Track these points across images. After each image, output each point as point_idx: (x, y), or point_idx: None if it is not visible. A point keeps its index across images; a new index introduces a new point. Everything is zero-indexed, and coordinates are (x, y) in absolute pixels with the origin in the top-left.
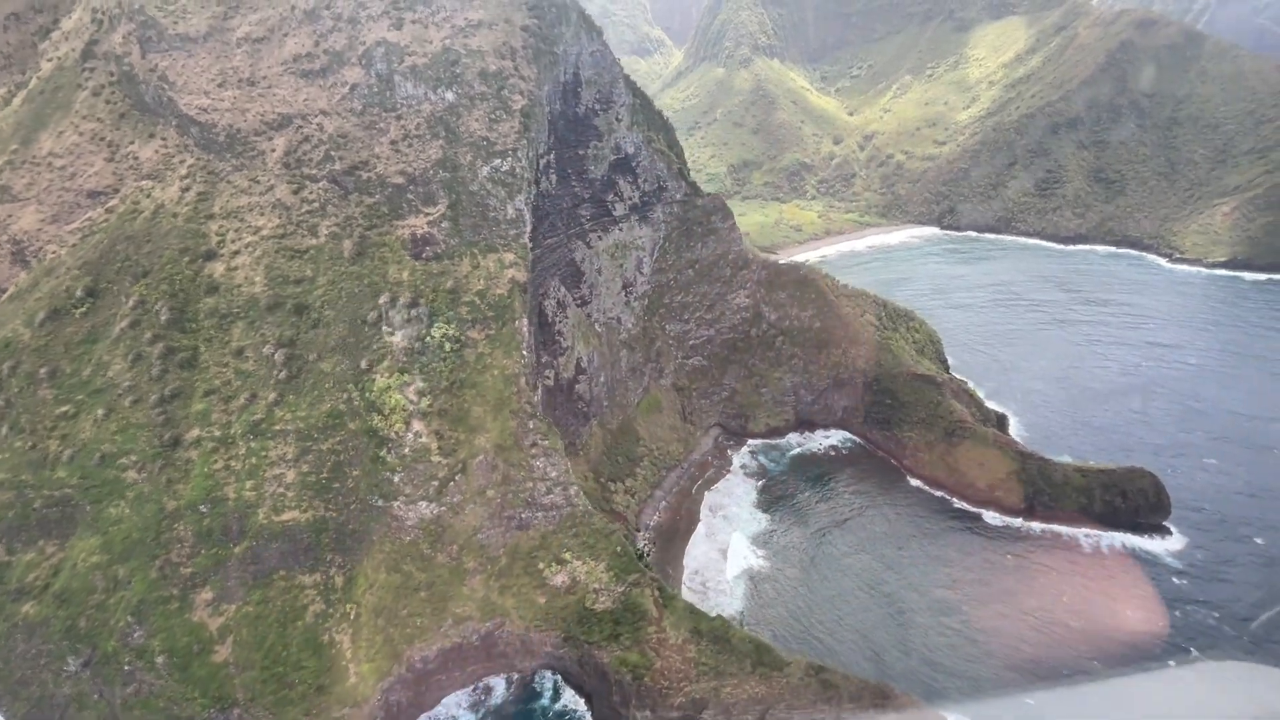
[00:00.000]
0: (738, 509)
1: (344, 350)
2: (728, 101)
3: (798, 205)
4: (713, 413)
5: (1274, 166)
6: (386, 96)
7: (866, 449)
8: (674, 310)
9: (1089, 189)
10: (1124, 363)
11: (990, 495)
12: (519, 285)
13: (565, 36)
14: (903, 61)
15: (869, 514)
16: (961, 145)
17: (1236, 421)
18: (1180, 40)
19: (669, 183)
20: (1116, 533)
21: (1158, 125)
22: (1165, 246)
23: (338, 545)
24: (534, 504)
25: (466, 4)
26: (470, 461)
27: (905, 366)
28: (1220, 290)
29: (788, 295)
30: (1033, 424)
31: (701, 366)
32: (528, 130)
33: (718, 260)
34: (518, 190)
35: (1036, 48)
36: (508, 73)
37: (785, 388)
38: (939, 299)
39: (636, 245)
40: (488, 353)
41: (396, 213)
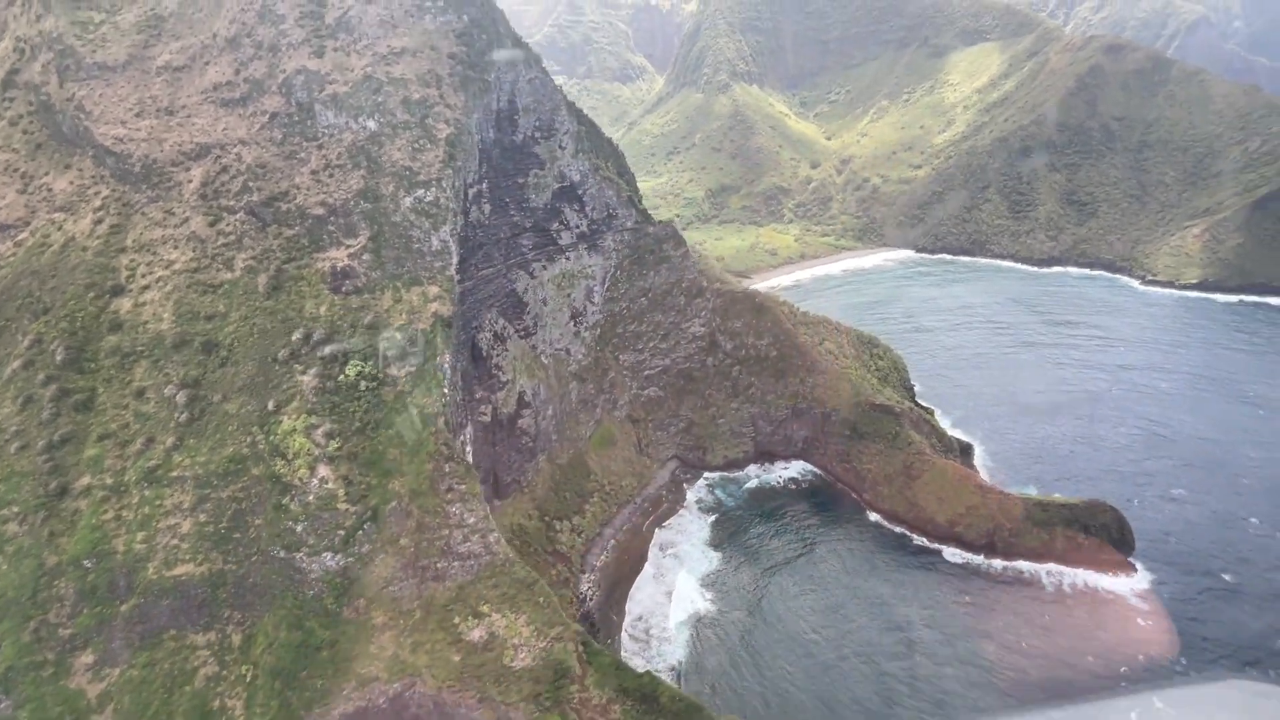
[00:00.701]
0: (689, 547)
1: (251, 390)
2: (706, 126)
3: (775, 229)
4: (670, 445)
5: (1243, 189)
6: (307, 125)
7: (827, 481)
8: (627, 340)
9: (1062, 211)
10: (1093, 387)
11: (950, 531)
12: (442, 319)
13: (498, 63)
14: (880, 87)
15: (823, 552)
16: (936, 169)
17: (1205, 448)
18: (1148, 65)
19: (619, 210)
20: (1080, 569)
21: (1128, 148)
22: (1138, 268)
23: (236, 601)
24: (450, 553)
25: (390, 31)
26: (383, 508)
27: (864, 396)
28: (1191, 312)
29: (743, 324)
30: (999, 453)
31: (657, 397)
32: (453, 159)
33: (671, 288)
34: (443, 221)
35: (1009, 73)
36: (432, 100)
37: (743, 418)
38: (909, 322)
39: (586, 274)
40: (408, 391)
41: (317, 245)
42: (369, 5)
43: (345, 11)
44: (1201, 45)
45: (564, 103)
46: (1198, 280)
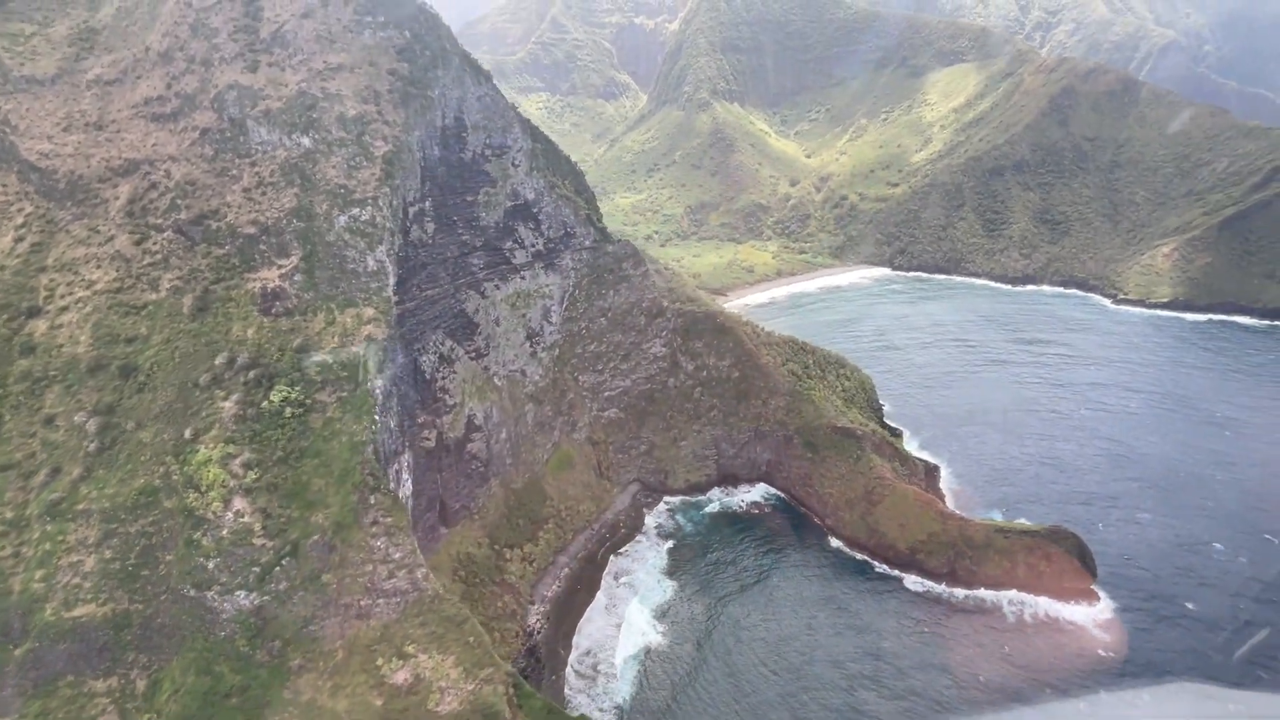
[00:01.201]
0: (645, 575)
1: (169, 417)
2: (687, 144)
3: (754, 246)
4: (631, 468)
5: (1211, 209)
6: (240, 142)
7: (790, 505)
8: (587, 360)
9: (1035, 230)
10: (1061, 407)
11: (911, 558)
12: (376, 342)
13: (442, 80)
14: (859, 106)
15: (781, 580)
16: (913, 187)
17: (1171, 469)
18: (1118, 87)
19: (577, 229)
20: (1042, 597)
21: (1100, 168)
22: (1109, 287)
23: (142, 643)
24: (375, 590)
25: (327, 47)
26: (304, 542)
27: (826, 418)
28: (1161, 331)
29: (704, 344)
30: (965, 475)
31: (618, 419)
32: (391, 177)
33: (631, 308)
34: (379, 240)
35: (985, 93)
36: (370, 117)
37: (705, 441)
38: (880, 340)
39: (542, 294)
40: (337, 417)
41: (248, 265)
42: (305, 20)
43: (280, 26)
44: (1173, 68)
45: (517, 120)
46: (1168, 299)
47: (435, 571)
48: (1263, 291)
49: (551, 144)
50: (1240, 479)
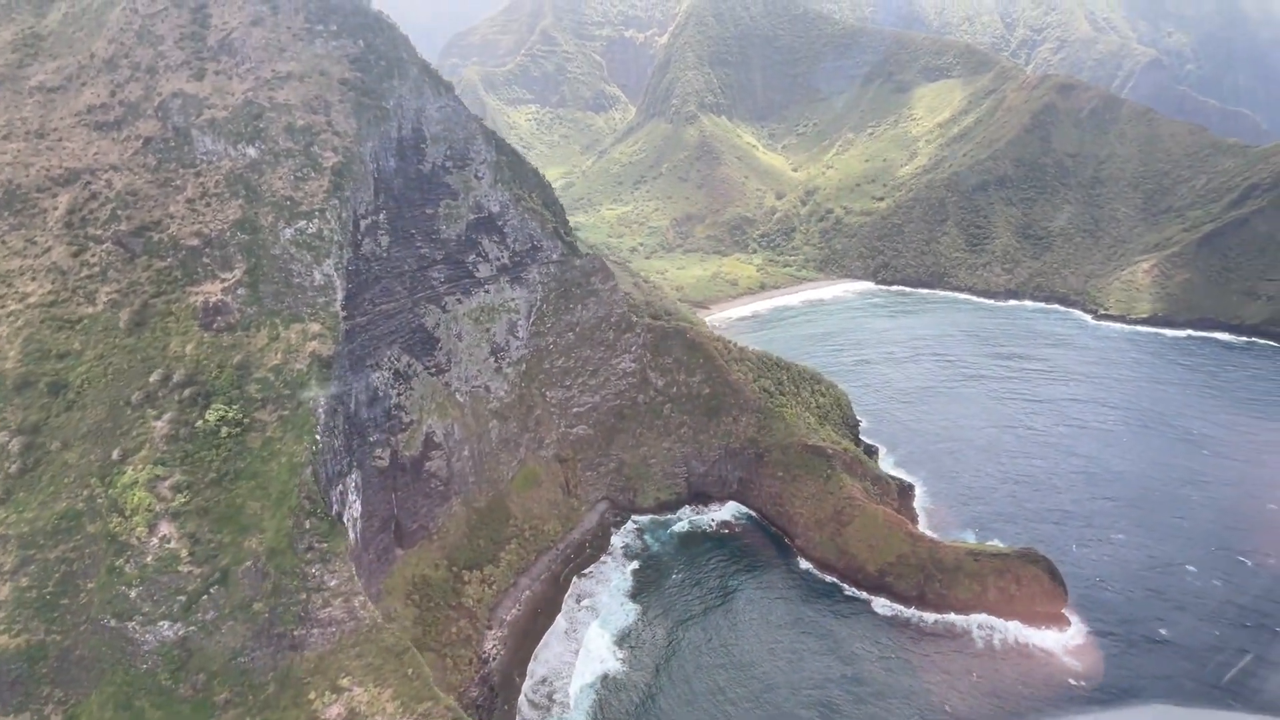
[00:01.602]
0: (607, 598)
1: (97, 437)
2: (674, 156)
3: (739, 259)
4: (600, 485)
5: (1190, 225)
6: (184, 151)
7: (761, 524)
8: (555, 376)
9: (1018, 245)
10: (1038, 424)
11: (881, 581)
12: (320, 359)
13: (399, 90)
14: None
15: (746, 603)
16: (898, 201)
17: (1147, 488)
18: (1099, 104)
19: (544, 242)
20: (1012, 622)
21: (1082, 184)
22: (1090, 302)
23: (59, 676)
24: (309, 619)
25: (277, 55)
26: (234, 569)
27: (797, 436)
28: (1140, 347)
29: (674, 360)
30: (940, 493)
31: (586, 436)
32: (340, 189)
33: (599, 323)
34: (326, 254)
35: (969, 109)
36: (319, 128)
37: (675, 458)
38: (860, 354)
39: (508, 308)
40: (277, 437)
41: (190, 278)
42: (254, 28)
43: (228, 34)
44: (1154, 86)
45: (481, 132)
46: (1148, 315)
47: (388, 595)
48: (1241, 308)
49: (518, 156)
50: (1215, 498)
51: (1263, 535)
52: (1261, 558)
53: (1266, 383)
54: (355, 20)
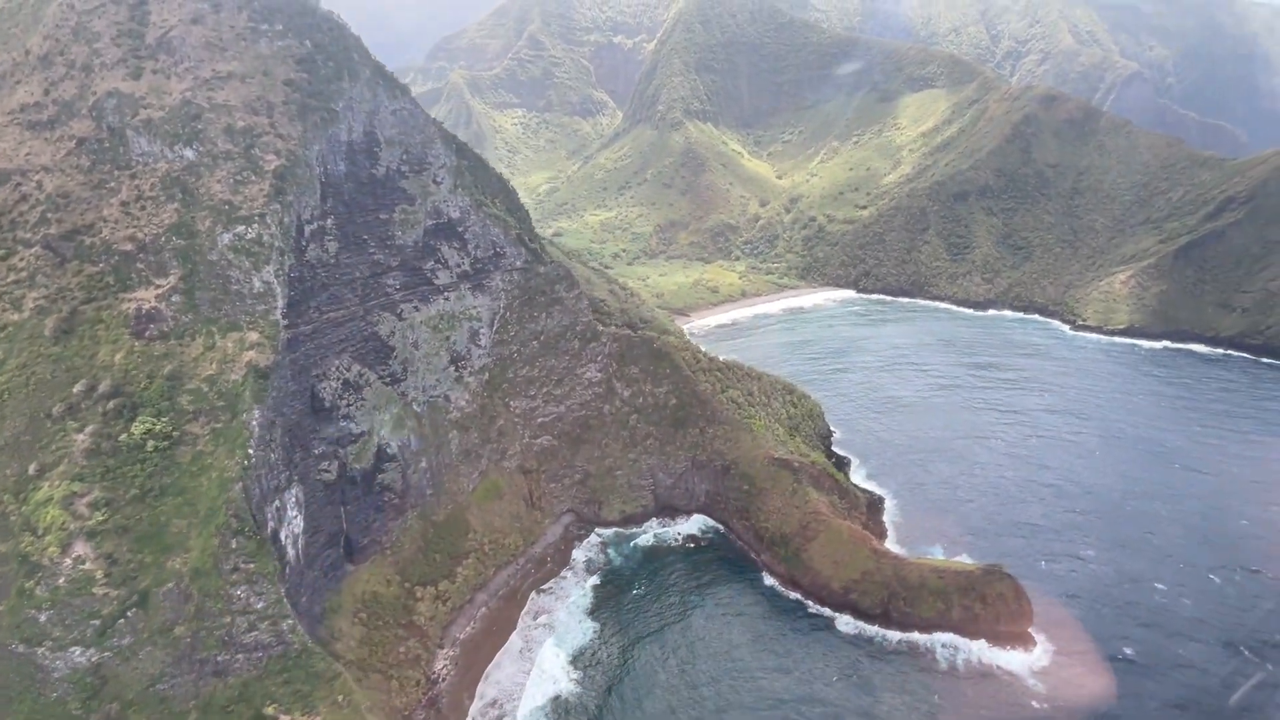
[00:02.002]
0: (565, 614)
1: (14, 451)
2: (659, 162)
3: (722, 266)
4: (565, 498)
5: (1167, 237)
6: (119, 153)
7: (728, 539)
8: (518, 385)
9: (998, 254)
10: (1012, 435)
11: (845, 598)
12: (257, 369)
13: (349, 93)
14: (831, 128)
15: (707, 620)
16: (879, 210)
17: (1118, 502)
18: (1079, 115)
19: (507, 249)
20: (977, 642)
21: (1061, 194)
22: (1068, 313)
23: None
24: (233, 644)
25: (218, 54)
26: (155, 591)
27: (764, 449)
28: (1115, 359)
29: (640, 370)
30: (910, 507)
31: (551, 446)
32: (282, 193)
33: (564, 331)
34: (266, 260)
35: (953, 118)
36: (261, 129)
37: (641, 470)
38: (837, 363)
39: (469, 316)
40: (209, 451)
41: (123, 284)
42: (194, 26)
43: (167, 31)
44: (1136, 98)
45: (440, 135)
46: (1125, 326)
47: (334, 614)
48: (1216, 320)
49: (481, 161)
50: (1185, 513)
51: (1232, 552)
52: (1229, 574)
53: (1239, 395)
54: (302, 20)
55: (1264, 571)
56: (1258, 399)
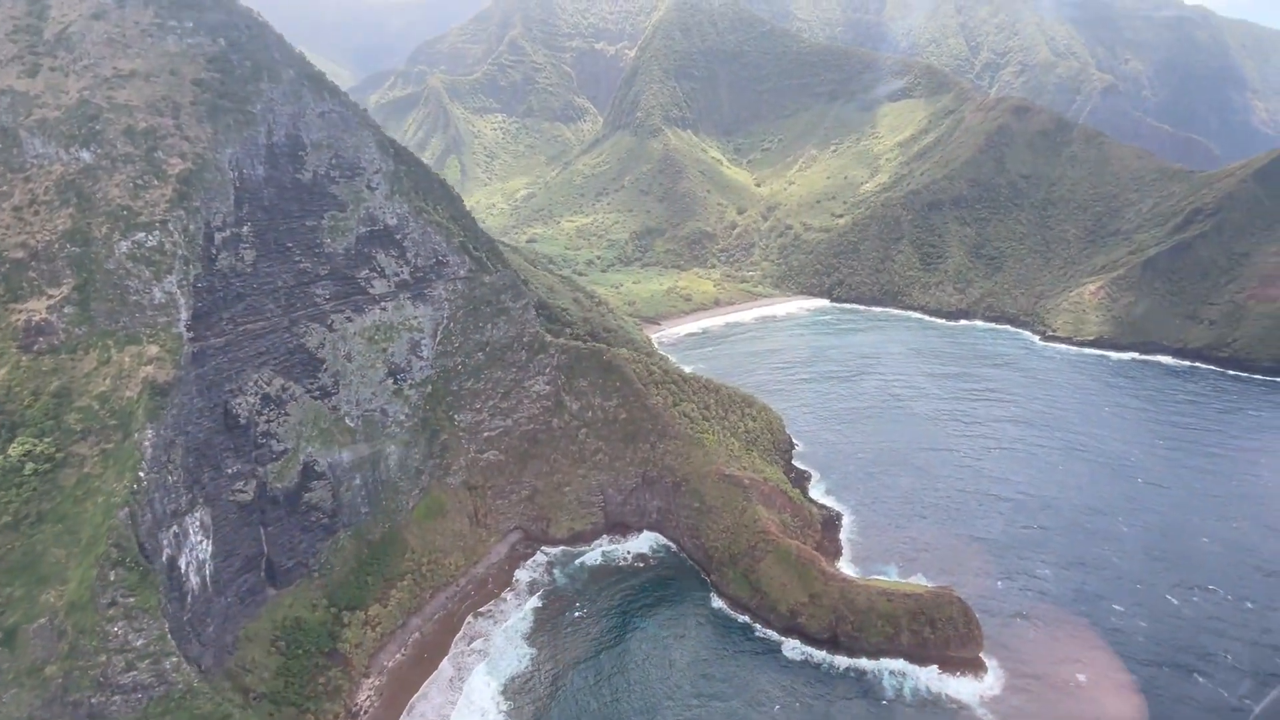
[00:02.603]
0: (502, 640)
1: None
2: (637, 169)
3: (697, 273)
4: (512, 515)
5: (1136, 248)
6: (12, 155)
7: (680, 557)
8: (464, 398)
9: (970, 264)
10: (975, 447)
11: (793, 622)
12: (154, 385)
13: (269, 94)
14: (810, 136)
15: (649, 645)
16: (855, 218)
17: (1078, 519)
18: (1051, 127)
19: (450, 257)
20: (926, 668)
21: (1034, 204)
22: (1039, 323)
23: None
24: (109, 685)
25: (120, 52)
26: (24, 627)
27: (714, 465)
28: (1083, 371)
29: (589, 383)
30: (868, 523)
31: (498, 461)
32: (187, 198)
33: (511, 343)
34: (168, 269)
35: (929, 128)
36: (165, 131)
37: (591, 486)
38: (806, 372)
39: (409, 326)
40: (96, 474)
41: (14, 294)
42: (96, 21)
43: (67, 27)
44: (1111, 110)
45: (375, 140)
46: (1094, 337)
47: (249, 643)
48: (1184, 331)
49: (423, 167)
50: (1146, 529)
51: (1190, 570)
52: (1186, 595)
53: (1203, 408)
54: (215, 17)
55: (1220, 590)
56: (1221, 412)
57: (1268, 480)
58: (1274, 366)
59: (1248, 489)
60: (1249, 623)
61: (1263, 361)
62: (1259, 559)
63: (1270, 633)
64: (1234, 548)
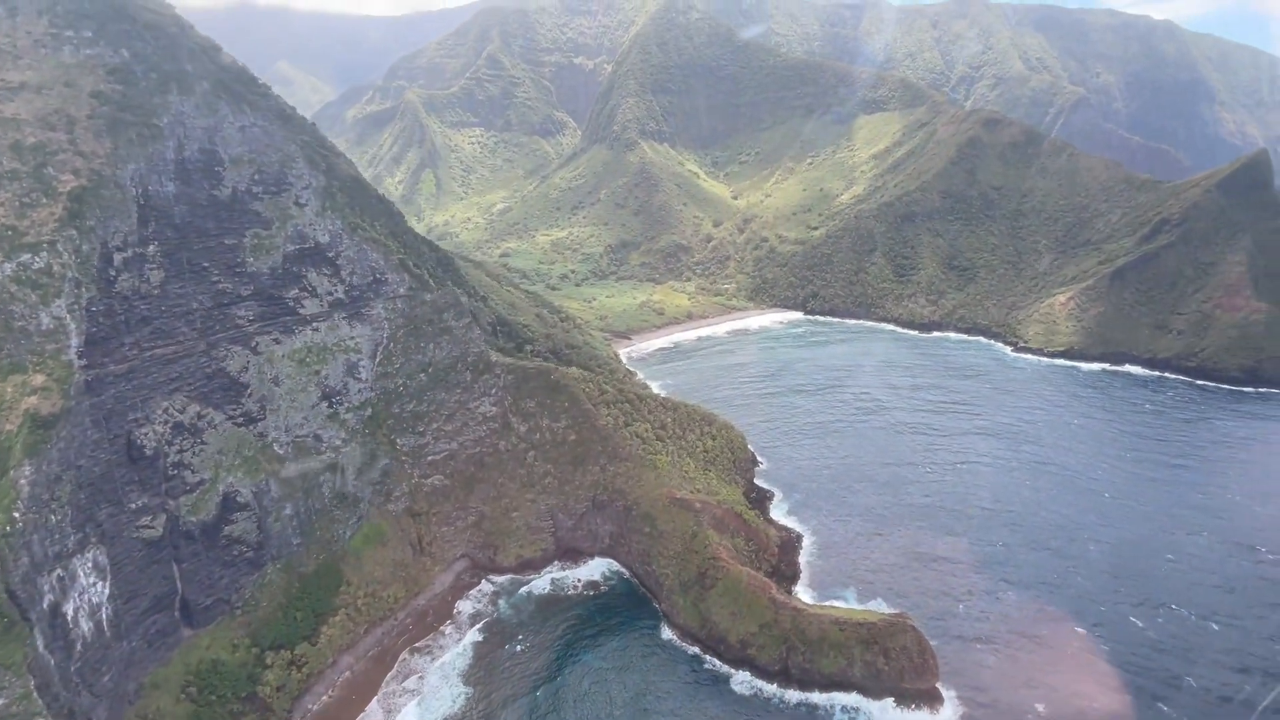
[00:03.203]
0: (437, 677)
1: None
2: (613, 182)
3: (672, 287)
4: (458, 542)
5: (1106, 258)
6: None
7: (632, 585)
8: (406, 421)
9: (943, 276)
10: (942, 461)
11: (743, 653)
12: (37, 418)
13: (177, 106)
14: (787, 149)
15: (593, 679)
16: (828, 231)
17: (1041, 538)
18: (1021, 138)
19: (389, 275)
20: (880, 701)
21: (1005, 216)
22: (1010, 334)
23: None
24: None
25: (10, 63)
26: None
27: (665, 488)
28: (1052, 383)
29: (537, 404)
30: (829, 544)
31: (443, 486)
32: (80, 217)
33: (455, 363)
34: (57, 293)
35: (904, 140)
36: (57, 146)
37: (540, 511)
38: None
39: (346, 347)
40: None
41: None
42: None
43: None
44: (1083, 122)
45: (303, 154)
46: (1064, 348)
47: (156, 690)
48: (1153, 342)
49: (361, 182)
50: (1110, 546)
51: (1155, 590)
52: (1150, 616)
53: (1171, 419)
54: (118, 27)
55: (1184, 611)
56: (1187, 422)
57: (1233, 492)
58: (1241, 376)
59: (1213, 501)
60: (1213, 645)
61: (1230, 371)
62: (1222, 577)
63: (1234, 653)
64: (1199, 566)
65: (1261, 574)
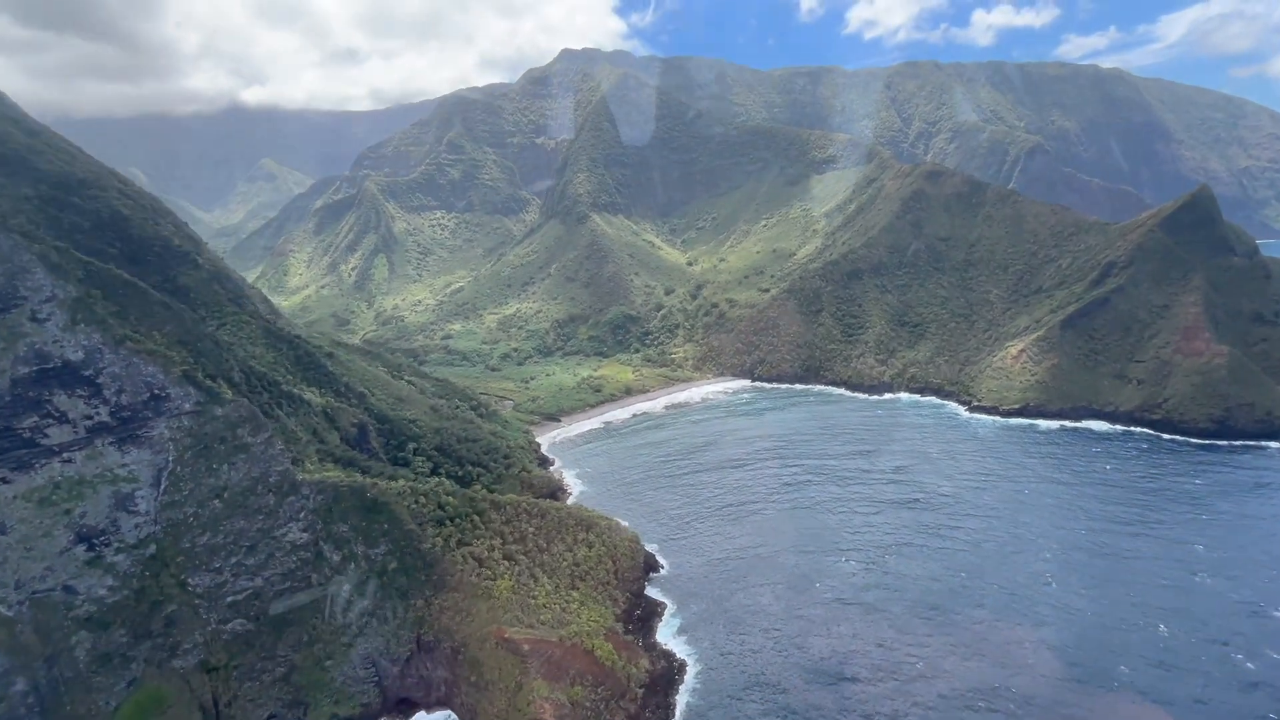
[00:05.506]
0: None
1: None
2: (564, 256)
3: (618, 360)
4: (266, 701)
5: (1058, 305)
6: None
7: None
8: (199, 557)
9: (893, 333)
10: (872, 543)
11: None
12: None
13: None
14: (742, 213)
15: None
16: (776, 293)
17: (982, 637)
18: (965, 189)
19: (171, 390)
20: None
21: (954, 267)
22: (964, 393)
23: None
24: None
25: None
26: None
27: (496, 625)
28: (1008, 444)
29: (350, 527)
30: (719, 675)
31: (247, 632)
32: None
33: (254, 485)
34: None
35: (853, 198)
36: None
37: (359, 658)
38: (698, 459)
39: (113, 478)
40: None
41: None
42: None
43: None
44: (1040, 169)
45: (41, 263)
46: (1020, 404)
47: None
48: (1114, 393)
49: (137, 288)
50: (1061, 649)
51: (1114, 700)
52: None
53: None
54: None
55: None
56: (1153, 490)
57: (1196, 571)
58: (1209, 429)
59: (1178, 580)
60: None
61: (1198, 423)
62: (1189, 689)
63: None
64: (1160, 664)
65: (1240, 677)
